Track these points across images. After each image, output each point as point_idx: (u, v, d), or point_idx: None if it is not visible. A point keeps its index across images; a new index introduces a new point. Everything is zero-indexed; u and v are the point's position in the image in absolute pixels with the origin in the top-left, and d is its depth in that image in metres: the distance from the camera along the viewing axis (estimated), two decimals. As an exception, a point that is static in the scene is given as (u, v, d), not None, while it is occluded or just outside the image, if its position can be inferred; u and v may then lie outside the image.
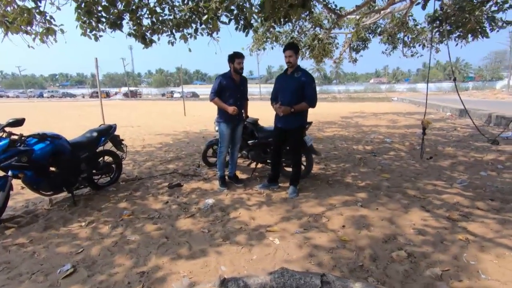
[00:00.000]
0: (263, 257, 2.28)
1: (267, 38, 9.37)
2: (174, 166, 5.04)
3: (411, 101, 22.41)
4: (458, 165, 4.71)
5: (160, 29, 5.59)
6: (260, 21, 6.27)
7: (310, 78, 3.24)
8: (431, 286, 1.89)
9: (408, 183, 3.87)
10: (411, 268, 2.08)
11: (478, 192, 3.45)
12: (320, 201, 3.31)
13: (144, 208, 3.29)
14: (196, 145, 6.90)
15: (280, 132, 3.48)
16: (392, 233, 2.55)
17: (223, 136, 3.82)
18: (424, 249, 2.30)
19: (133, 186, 4.05)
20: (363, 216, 2.89)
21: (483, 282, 1.90)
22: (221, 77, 3.73)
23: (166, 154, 6.01)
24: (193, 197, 3.58)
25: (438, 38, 9.47)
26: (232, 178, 4.04)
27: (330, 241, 2.46)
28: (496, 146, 5.47)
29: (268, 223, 2.85)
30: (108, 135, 3.89)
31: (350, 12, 8.46)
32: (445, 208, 3.02)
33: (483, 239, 2.39)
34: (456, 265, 2.09)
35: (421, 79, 74.35)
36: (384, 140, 7.02)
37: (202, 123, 11.32)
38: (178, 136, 8.32)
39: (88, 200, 3.57)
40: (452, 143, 6.47)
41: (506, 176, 4.07)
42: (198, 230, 2.74)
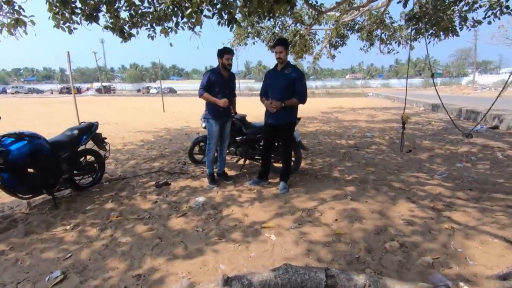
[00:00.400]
0: (261, 253, 2.28)
1: (249, 33, 9.30)
2: (159, 164, 4.91)
3: (386, 96, 23.26)
4: (435, 158, 4.96)
5: (140, 23, 5.38)
6: (243, 15, 6.21)
7: (300, 75, 3.26)
8: (424, 274, 1.98)
9: (392, 175, 4.02)
10: (404, 258, 2.17)
11: (457, 183, 3.65)
12: (311, 195, 3.36)
13: (132, 208, 3.18)
14: (179, 142, 6.76)
15: (271, 128, 3.48)
16: (383, 225, 2.64)
17: (212, 133, 3.76)
18: (414, 239, 2.40)
19: (118, 186, 3.90)
20: (354, 209, 2.97)
21: (471, 268, 2.01)
22: (209, 72, 3.66)
23: (149, 152, 5.84)
24: (183, 196, 3.51)
25: (413, 36, 9.86)
26: (221, 175, 3.99)
27: (326, 235, 2.50)
28: (469, 139, 5.81)
29: (262, 219, 2.85)
30: (90, 133, 3.71)
31: (330, 8, 8.59)
32: (429, 199, 3.17)
33: (466, 227, 2.53)
34: (445, 253, 2.20)
35: (393, 75, 77.33)
36: (365, 135, 7.24)
37: (182, 120, 11.10)
38: (160, 133, 8.10)
39: (70, 202, 3.39)
40: (428, 136, 6.79)
41: (480, 167, 4.34)
42: (191, 229, 2.69)
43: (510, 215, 2.69)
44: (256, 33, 8.89)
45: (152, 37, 5.77)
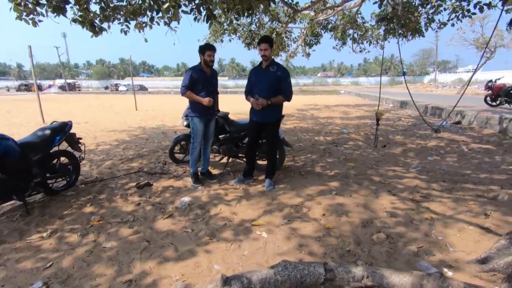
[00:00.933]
0: (254, 251, 2.28)
1: (225, 30, 9.20)
2: (137, 165, 4.72)
3: (357, 93, 24.13)
4: (408, 152, 5.23)
5: (112, 17, 5.12)
6: (222, 11, 6.12)
7: (286, 73, 3.28)
8: (411, 262, 2.09)
9: (371, 170, 4.18)
10: (391, 248, 2.27)
11: (431, 175, 3.89)
12: (297, 192, 3.41)
13: (114, 211, 3.03)
14: (156, 141, 6.55)
15: (256, 126, 3.47)
16: (369, 218, 2.74)
17: (197, 131, 3.69)
18: (398, 230, 2.52)
19: (95, 188, 3.71)
20: (340, 204, 3.06)
21: (452, 254, 2.16)
22: (191, 70, 3.57)
23: (125, 152, 5.59)
24: (167, 196, 3.41)
25: (383, 36, 10.30)
26: (205, 174, 3.93)
27: (315, 230, 2.55)
28: (437, 134, 6.20)
29: (251, 217, 2.85)
30: (63, 133, 3.47)
31: (305, 7, 8.73)
32: (407, 191, 3.34)
33: (444, 216, 2.70)
34: (428, 241, 2.34)
35: (362, 73, 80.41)
36: (342, 131, 7.47)
37: (157, 118, 10.76)
38: (135, 132, 7.80)
39: (44, 207, 3.17)
40: (400, 132, 7.16)
41: (448, 160, 4.65)
42: (180, 230, 2.62)
43: (480, 204, 2.91)
44: (233, 30, 8.81)
45: (125, 32, 5.52)
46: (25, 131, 7.51)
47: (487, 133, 6.60)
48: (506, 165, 4.19)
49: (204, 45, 3.62)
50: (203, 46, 3.59)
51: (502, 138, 5.99)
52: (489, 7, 5.92)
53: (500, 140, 5.82)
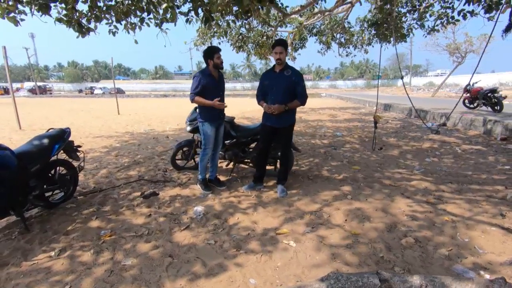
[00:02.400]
0: (287, 262, 2.19)
1: (215, 33, 9.06)
2: (136, 173, 4.48)
3: (339, 96, 24.70)
4: (406, 154, 5.36)
5: (102, 17, 4.87)
6: (220, 14, 5.99)
7: (300, 77, 3.24)
8: (446, 266, 2.09)
9: (377, 173, 4.22)
10: (423, 252, 2.27)
11: (436, 176, 3.98)
12: (312, 197, 3.36)
13: (124, 224, 2.83)
14: (150, 147, 6.28)
15: (270, 131, 3.40)
16: (391, 222, 2.74)
17: (208, 137, 3.55)
18: (423, 233, 2.53)
19: (96, 199, 3.46)
20: (358, 208, 3.04)
21: (483, 256, 2.19)
22: (200, 75, 3.43)
23: (119, 159, 5.31)
24: (178, 206, 3.24)
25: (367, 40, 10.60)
26: (213, 181, 3.79)
27: (343, 238, 2.51)
28: (433, 135, 6.42)
29: (273, 225, 2.76)
30: (62, 141, 3.22)
31: (295, 11, 8.81)
32: (420, 193, 3.39)
33: (463, 218, 2.75)
34: (455, 244, 2.36)
35: (339, 76, 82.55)
36: (335, 134, 7.55)
37: (143, 123, 10.39)
38: (123, 138, 7.45)
39: (43, 222, 2.90)
40: (392, 134, 7.34)
41: (446, 161, 4.80)
42: (202, 243, 2.48)
43: (493, 204, 3.00)
44: (224, 33, 8.68)
45: (113, 33, 5.28)
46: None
47: (473, 134, 6.93)
48: (502, 165, 4.39)
49: (212, 47, 3.51)
50: (211, 49, 3.48)
51: (488, 139, 6.30)
52: (472, 14, 6.23)
53: (487, 141, 6.11)
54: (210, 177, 3.81)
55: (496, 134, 6.41)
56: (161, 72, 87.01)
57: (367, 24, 8.86)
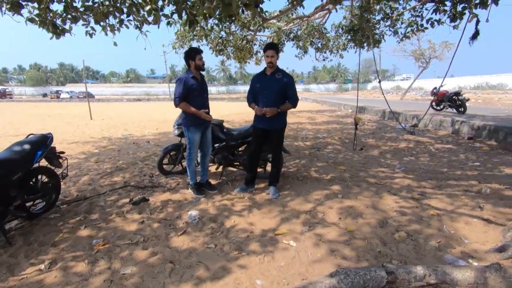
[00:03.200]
0: (290, 261, 2.23)
1: (194, 36, 8.99)
2: (120, 179, 4.32)
3: (314, 100, 25.34)
4: (385, 153, 5.63)
5: (79, 17, 4.69)
6: (203, 17, 5.94)
7: (291, 79, 3.31)
8: (438, 257, 2.23)
9: (362, 172, 4.40)
10: (415, 245, 2.40)
11: (416, 174, 4.22)
12: (304, 198, 3.43)
13: (116, 232, 2.73)
14: (131, 152, 6.08)
15: (262, 133, 3.43)
16: (382, 218, 2.87)
17: (193, 142, 3.51)
18: (413, 227, 2.68)
19: (82, 208, 3.30)
20: (350, 206, 3.15)
21: (469, 246, 2.36)
22: (183, 78, 3.37)
23: (99, 165, 5.09)
24: (171, 211, 3.17)
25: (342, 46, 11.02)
26: (205, 185, 3.75)
27: (340, 234, 2.59)
28: (408, 135, 6.78)
29: (271, 226, 2.79)
30: (45, 147, 3.04)
31: (274, 16, 8.97)
32: (404, 190, 3.58)
33: (447, 211, 2.94)
34: (443, 236, 2.52)
35: (313, 80, 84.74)
36: (316, 136, 7.75)
37: (119, 127, 10.02)
38: (101, 143, 7.14)
39: (26, 234, 2.72)
40: (369, 135, 7.67)
41: (423, 160, 5.10)
42: (202, 247, 2.45)
43: (471, 198, 3.24)
44: (204, 35, 8.64)
45: (90, 34, 5.09)
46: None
47: (443, 134, 7.42)
48: (472, 162, 4.75)
49: (193, 49, 3.52)
50: (192, 51, 3.47)
51: (457, 138, 6.78)
52: (439, 23, 6.69)
53: (456, 140, 6.58)
54: (201, 180, 3.77)
55: (463, 134, 6.92)
56: (133, 75, 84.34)
57: (342, 30, 9.21)
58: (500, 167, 4.42)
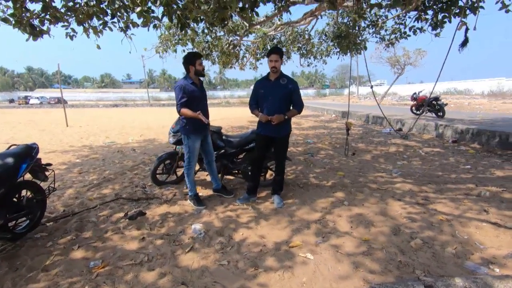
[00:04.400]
0: (312, 277, 2.11)
1: (179, 40, 8.76)
2: (110, 191, 4.03)
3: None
4: (378, 158, 5.68)
5: (61, 18, 4.38)
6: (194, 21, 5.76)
7: (296, 85, 3.23)
8: (458, 264, 2.19)
9: (361, 177, 4.38)
10: (433, 252, 2.36)
11: (414, 178, 4.26)
12: (311, 206, 3.33)
13: (116, 252, 2.48)
14: (117, 161, 5.73)
15: (266, 140, 3.31)
16: (393, 225, 2.82)
17: (194, 150, 3.34)
18: (426, 233, 2.65)
19: (71, 225, 3.00)
20: (359, 214, 3.09)
21: (485, 251, 2.34)
22: (183, 83, 3.21)
23: (84, 176, 4.74)
24: (172, 226, 2.96)
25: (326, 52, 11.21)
26: (220, 190, 3.66)
27: (356, 245, 2.50)
28: (396, 139, 6.91)
29: (282, 238, 2.66)
30: (30, 159, 2.74)
31: (261, 21, 8.94)
32: (408, 195, 3.58)
33: (455, 216, 2.95)
34: (457, 242, 2.50)
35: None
36: (306, 141, 7.74)
37: (99, 135, 9.51)
38: (82, 152, 6.70)
39: (11, 258, 2.41)
40: (358, 140, 7.76)
41: (415, 164, 5.19)
42: (214, 265, 2.28)
43: (473, 202, 3.28)
44: (191, 40, 8.43)
45: (71, 36, 4.79)
46: None
47: (427, 138, 7.66)
48: (463, 165, 4.88)
49: (193, 53, 3.37)
50: (193, 55, 3.32)
51: (442, 142, 7.01)
52: (421, 30, 6.93)
53: (442, 144, 6.79)
54: (216, 187, 3.66)
55: (447, 137, 7.17)
56: (108, 80, 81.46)
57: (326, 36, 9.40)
58: (490, 169, 4.57)
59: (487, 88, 28.20)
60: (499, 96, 24.65)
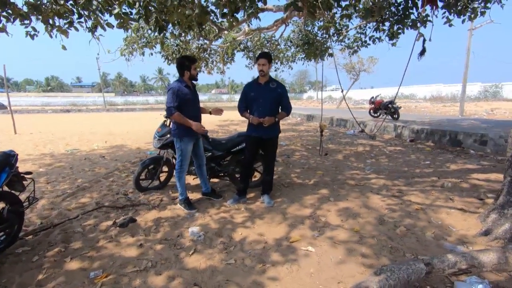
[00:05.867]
0: (318, 268, 2.25)
1: (147, 42, 8.50)
2: (88, 200, 3.80)
3: (260, 109, 26.01)
4: (349, 157, 6.09)
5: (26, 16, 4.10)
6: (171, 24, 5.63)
7: (285, 89, 3.39)
8: (439, 245, 2.50)
9: (340, 175, 4.68)
10: (417, 237, 2.66)
11: (385, 174, 4.67)
12: (299, 203, 3.50)
13: (115, 260, 2.39)
14: (87, 169, 5.39)
15: (257, 142, 3.41)
16: (378, 216, 3.10)
17: (186, 153, 3.33)
18: (407, 221, 2.96)
19: (55, 236, 2.81)
20: (345, 208, 3.33)
21: (458, 233, 2.70)
22: (177, 87, 3.18)
23: (54, 186, 4.39)
24: (168, 230, 2.91)
25: (292, 58, 11.69)
26: (210, 193, 3.65)
27: (350, 235, 2.71)
28: (362, 140, 7.43)
29: (281, 234, 2.77)
30: (10, 167, 2.52)
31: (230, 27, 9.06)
32: (384, 189, 3.92)
33: (427, 205, 3.32)
34: (434, 226, 2.84)
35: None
36: (280, 144, 7.97)
37: (57, 142, 8.78)
38: (43, 161, 6.16)
39: (-5, 276, 2.19)
40: (327, 141, 8.20)
41: (383, 161, 5.67)
42: (221, 264, 2.32)
43: (440, 192, 3.72)
44: (160, 43, 8.22)
45: (32, 36, 4.49)
46: None
47: (388, 138, 8.37)
48: (424, 161, 5.46)
49: (189, 58, 3.37)
50: (189, 59, 3.32)
51: (401, 141, 7.72)
52: (379, 40, 7.61)
53: (401, 143, 7.49)
54: (206, 190, 3.65)
55: (405, 137, 7.92)
56: (55, 83, 74.95)
57: (291, 42, 9.88)
58: (446, 164, 5.18)
59: (428, 93, 31.42)
60: (438, 100, 27.64)
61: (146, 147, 7.74)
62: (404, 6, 5.62)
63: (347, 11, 5.26)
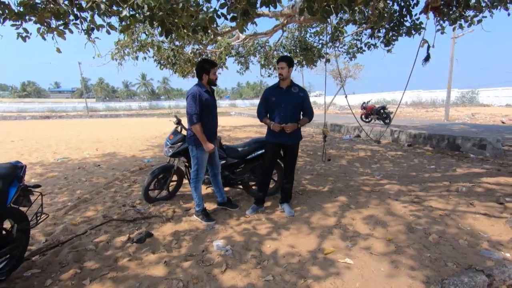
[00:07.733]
0: (362, 281, 2.13)
1: (142, 46, 8.23)
2: (93, 213, 3.53)
3: (250, 114, 25.91)
4: (353, 162, 6.06)
5: (23, 16, 3.83)
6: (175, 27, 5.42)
7: (306, 93, 3.29)
8: (475, 252, 2.45)
9: (351, 181, 4.62)
10: (452, 245, 2.59)
11: (396, 179, 4.65)
12: (321, 212, 3.39)
13: (142, 281, 2.17)
14: (84, 179, 5.05)
15: (278, 148, 3.29)
16: (405, 223, 3.03)
17: (203, 161, 3.15)
18: (436, 228, 2.91)
19: (65, 256, 2.54)
20: (370, 215, 3.24)
21: (490, 239, 2.66)
22: (198, 92, 3.00)
23: (53, 199, 4.07)
24: (191, 245, 2.71)
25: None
26: (226, 203, 3.48)
27: (385, 245, 2.62)
28: (360, 145, 7.45)
29: (313, 246, 2.64)
30: (18, 181, 2.27)
31: (226, 32, 8.96)
32: (401, 195, 3.88)
33: (451, 211, 3.29)
34: (465, 232, 2.80)
35: (238, 96, 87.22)
36: (279, 149, 7.87)
37: (44, 150, 8.28)
38: (34, 170, 5.74)
39: (6, 306, 1.93)
40: (327, 146, 8.17)
41: (387, 166, 5.67)
42: (260, 281, 2.15)
43: (458, 197, 3.71)
44: (157, 48, 7.97)
45: (23, 37, 4.20)
46: None
47: (385, 143, 8.46)
48: (428, 166, 5.50)
49: (209, 62, 3.20)
50: (209, 63, 3.15)
51: (400, 146, 7.81)
52: (374, 47, 7.72)
53: (400, 148, 7.57)
54: (222, 200, 3.48)
55: (403, 141, 8.03)
56: (32, 89, 71.92)
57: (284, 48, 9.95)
58: (451, 168, 5.24)
59: (409, 98, 32.45)
60: (419, 106, 28.61)
61: (142, 154, 7.43)
62: (399, 14, 5.71)
63: (352, 17, 5.27)
